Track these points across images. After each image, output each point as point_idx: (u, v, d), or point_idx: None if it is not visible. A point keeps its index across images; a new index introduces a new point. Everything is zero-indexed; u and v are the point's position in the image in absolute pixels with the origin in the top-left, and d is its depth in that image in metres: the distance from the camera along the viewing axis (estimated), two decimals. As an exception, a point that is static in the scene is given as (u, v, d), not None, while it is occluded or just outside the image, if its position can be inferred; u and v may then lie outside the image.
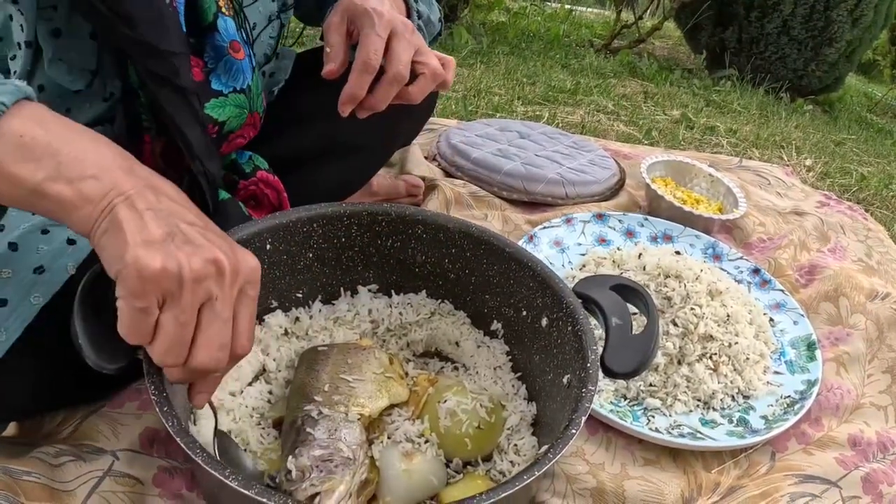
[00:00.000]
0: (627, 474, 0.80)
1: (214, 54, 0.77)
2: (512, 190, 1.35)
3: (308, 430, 0.64)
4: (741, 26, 3.05)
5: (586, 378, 0.62)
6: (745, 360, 0.95)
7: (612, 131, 2.05)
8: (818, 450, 0.88)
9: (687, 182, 1.46)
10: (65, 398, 0.77)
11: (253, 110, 0.83)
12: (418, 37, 0.75)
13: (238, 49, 0.78)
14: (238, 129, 0.82)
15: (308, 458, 0.61)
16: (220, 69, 0.78)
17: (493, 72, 2.52)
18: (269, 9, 0.87)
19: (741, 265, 1.20)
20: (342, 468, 0.61)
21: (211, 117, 0.78)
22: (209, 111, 0.77)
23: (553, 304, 0.73)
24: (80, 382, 0.75)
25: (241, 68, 0.79)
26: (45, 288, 0.65)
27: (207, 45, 0.77)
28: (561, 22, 3.80)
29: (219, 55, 0.77)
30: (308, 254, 0.82)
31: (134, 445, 0.73)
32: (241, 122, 0.82)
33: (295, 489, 0.58)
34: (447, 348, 0.85)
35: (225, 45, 0.77)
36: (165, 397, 0.55)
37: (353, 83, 0.71)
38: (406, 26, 0.74)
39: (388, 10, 0.73)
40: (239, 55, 0.78)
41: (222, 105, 0.79)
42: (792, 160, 2.05)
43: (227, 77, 0.78)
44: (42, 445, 0.71)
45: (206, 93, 0.77)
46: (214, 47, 0.77)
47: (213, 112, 0.78)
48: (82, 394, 0.78)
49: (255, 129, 0.87)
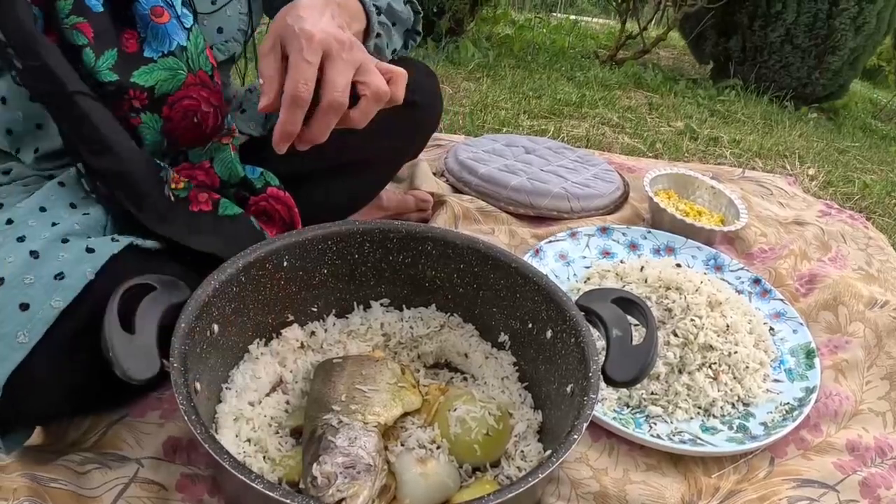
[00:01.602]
0: (630, 479, 0.83)
1: (142, 23, 0.79)
2: (518, 205, 1.38)
3: (329, 439, 0.67)
4: (745, 35, 3.08)
5: (588, 387, 0.66)
6: (745, 368, 0.98)
7: (617, 144, 2.09)
8: (817, 455, 0.90)
9: (689, 194, 1.50)
10: (86, 403, 0.80)
11: (195, 70, 0.83)
12: (359, 52, 0.70)
13: (161, 14, 0.79)
14: (175, 91, 0.82)
15: (332, 465, 0.63)
16: (149, 36, 0.80)
17: (500, 85, 2.56)
18: None
19: (742, 275, 1.23)
20: (364, 474, 0.64)
21: (136, 83, 0.79)
22: (136, 79, 0.79)
23: (557, 316, 0.77)
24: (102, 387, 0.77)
25: (166, 31, 0.80)
26: (65, 293, 0.67)
27: (135, 16, 0.79)
28: (566, 34, 3.84)
29: (145, 23, 0.79)
30: (323, 270, 0.86)
31: (157, 453, 0.77)
32: (177, 85, 0.82)
33: (322, 495, 0.61)
34: (456, 360, 0.88)
35: (146, 12, 0.79)
36: (193, 406, 0.59)
37: (284, 119, 0.67)
38: (343, 44, 0.68)
39: (322, 28, 0.67)
40: (162, 19, 0.80)
41: (150, 71, 0.80)
42: (795, 170, 2.08)
43: (156, 42, 0.80)
44: (68, 454, 0.75)
45: (137, 62, 0.79)
46: (140, 16, 0.79)
47: (139, 79, 0.79)
48: (104, 398, 0.81)
49: (210, 90, 0.85)
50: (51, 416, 0.79)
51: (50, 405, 0.74)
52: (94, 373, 0.66)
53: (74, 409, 0.80)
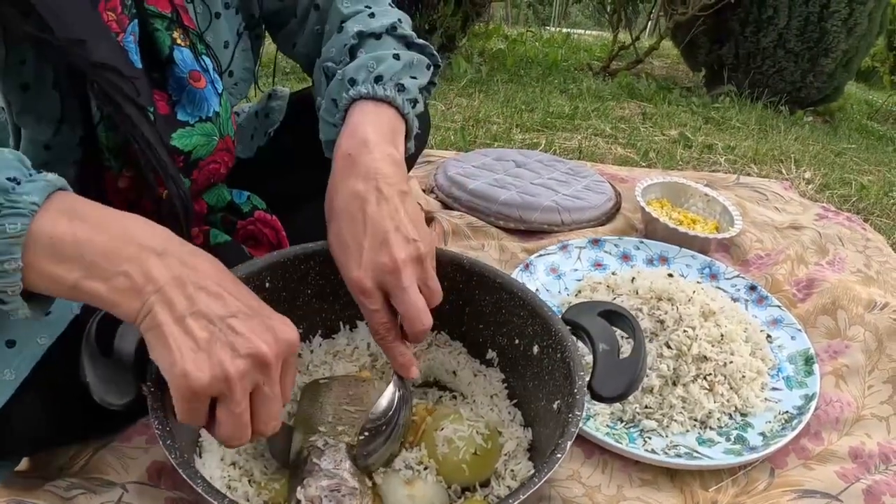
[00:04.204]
0: (624, 496, 0.81)
1: (177, 86, 0.78)
2: (508, 219, 1.37)
3: (314, 461, 0.66)
4: (737, 42, 3.08)
5: (573, 403, 0.65)
6: (742, 377, 0.96)
7: (610, 155, 2.08)
8: (818, 464, 0.89)
9: (683, 202, 1.48)
10: (75, 433, 0.80)
11: (223, 135, 0.83)
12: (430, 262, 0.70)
13: (198, 78, 0.79)
14: (208, 155, 0.83)
15: (316, 489, 0.63)
16: (184, 100, 0.78)
17: (492, 100, 2.57)
18: (234, 24, 0.88)
19: (738, 283, 1.21)
20: (349, 497, 0.63)
21: (176, 148, 0.78)
22: (175, 142, 0.78)
23: (543, 332, 0.76)
24: (89, 418, 0.77)
25: (203, 96, 0.79)
26: (51, 329, 0.67)
27: (169, 78, 0.78)
28: (559, 47, 3.85)
29: (181, 86, 0.78)
30: (307, 290, 0.84)
31: (142, 478, 0.77)
32: (210, 150, 0.82)
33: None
34: (445, 378, 0.87)
35: (185, 76, 0.78)
36: (169, 431, 0.58)
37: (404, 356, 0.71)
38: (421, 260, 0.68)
39: (411, 252, 0.67)
40: (199, 84, 0.79)
41: (189, 135, 0.79)
42: (791, 174, 2.07)
43: (192, 107, 0.79)
44: (54, 479, 0.75)
45: (172, 124, 0.78)
46: (176, 79, 0.78)
47: (178, 142, 0.78)
48: (92, 429, 0.80)
49: (230, 153, 0.86)
50: (39, 447, 0.79)
51: (38, 437, 0.74)
52: (82, 404, 0.65)
53: (63, 440, 0.80)
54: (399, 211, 0.68)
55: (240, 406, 0.53)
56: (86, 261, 0.50)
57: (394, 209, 0.68)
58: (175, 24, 0.78)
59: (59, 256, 0.50)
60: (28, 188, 0.50)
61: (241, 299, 0.56)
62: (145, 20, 0.75)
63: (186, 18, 0.80)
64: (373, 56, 0.79)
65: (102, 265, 0.51)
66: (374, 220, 0.67)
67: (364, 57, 0.79)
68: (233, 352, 0.52)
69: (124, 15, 0.73)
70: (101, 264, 0.51)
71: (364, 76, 0.77)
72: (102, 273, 0.51)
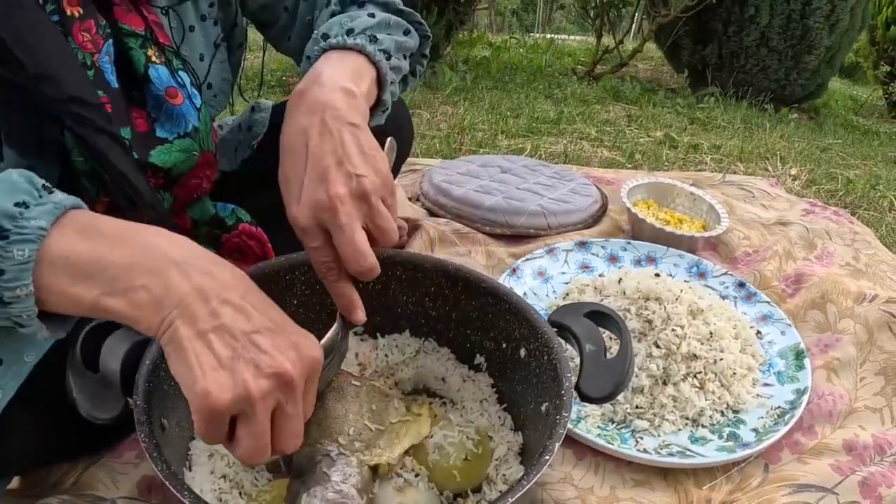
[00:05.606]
0: (617, 497, 0.81)
1: (154, 103, 0.78)
2: (495, 224, 1.37)
3: (324, 470, 0.65)
4: (720, 42, 3.10)
5: (561, 405, 0.64)
6: (732, 374, 0.96)
7: (596, 158, 2.08)
8: (813, 458, 0.88)
9: (669, 202, 1.48)
10: (67, 450, 0.79)
11: (204, 150, 0.82)
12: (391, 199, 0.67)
13: (175, 95, 0.78)
14: (188, 171, 0.82)
15: (321, 500, 0.62)
16: (162, 117, 0.78)
17: (477, 107, 2.57)
18: (211, 35, 0.87)
19: (726, 280, 1.21)
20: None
21: (155, 165, 0.78)
22: (154, 159, 0.77)
23: (529, 334, 0.75)
24: (80, 435, 0.77)
25: (181, 113, 0.79)
26: (37, 347, 0.66)
27: (147, 96, 0.78)
28: (543, 52, 3.86)
29: (158, 104, 0.78)
30: (292, 301, 0.84)
31: (132, 493, 0.77)
32: (190, 165, 0.81)
33: None
34: (434, 384, 0.86)
35: (161, 93, 0.78)
36: (156, 444, 0.57)
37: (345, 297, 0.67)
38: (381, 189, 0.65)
39: (353, 188, 0.63)
40: (176, 101, 0.78)
41: (168, 152, 0.78)
42: (777, 171, 2.08)
43: (171, 124, 0.78)
44: (46, 497, 0.74)
45: (151, 141, 0.77)
46: (153, 97, 0.78)
47: (157, 159, 0.78)
48: (82, 446, 0.80)
49: (212, 168, 0.85)
50: (31, 464, 0.79)
51: (29, 455, 0.74)
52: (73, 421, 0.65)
53: (55, 457, 0.80)
54: (344, 144, 0.64)
55: (261, 426, 0.50)
56: (105, 277, 0.49)
57: (338, 142, 0.64)
58: (149, 41, 0.77)
59: (77, 275, 0.49)
60: (36, 212, 0.49)
61: (264, 313, 0.53)
62: (119, 39, 0.75)
63: (162, 35, 0.79)
64: (348, 15, 0.79)
65: (122, 280, 0.49)
66: (315, 155, 0.64)
67: (340, 16, 0.79)
68: (256, 370, 0.49)
69: (99, 35, 0.72)
70: (121, 279, 0.49)
71: (337, 31, 0.76)
72: (122, 288, 0.49)
